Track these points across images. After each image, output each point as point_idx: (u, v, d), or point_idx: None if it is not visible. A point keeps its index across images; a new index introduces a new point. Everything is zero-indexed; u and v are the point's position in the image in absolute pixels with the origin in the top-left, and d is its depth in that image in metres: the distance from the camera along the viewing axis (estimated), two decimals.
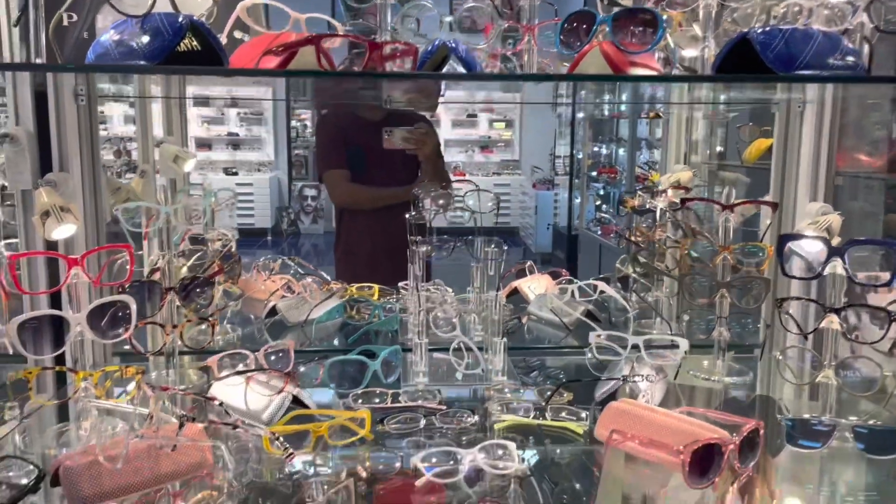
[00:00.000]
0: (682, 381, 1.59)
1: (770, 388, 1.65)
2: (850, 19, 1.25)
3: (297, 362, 1.53)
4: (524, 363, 1.74)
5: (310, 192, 9.58)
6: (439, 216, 1.81)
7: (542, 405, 1.43)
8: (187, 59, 1.13)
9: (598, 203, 7.23)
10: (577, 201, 7.52)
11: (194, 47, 1.12)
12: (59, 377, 1.46)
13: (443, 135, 9.48)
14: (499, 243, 1.74)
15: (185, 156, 2.01)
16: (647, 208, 2.06)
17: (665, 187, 2.06)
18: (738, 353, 1.73)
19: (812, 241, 1.41)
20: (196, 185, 2.03)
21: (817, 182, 1.70)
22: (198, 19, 1.13)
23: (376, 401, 1.47)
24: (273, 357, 1.51)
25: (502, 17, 1.42)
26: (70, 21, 1.33)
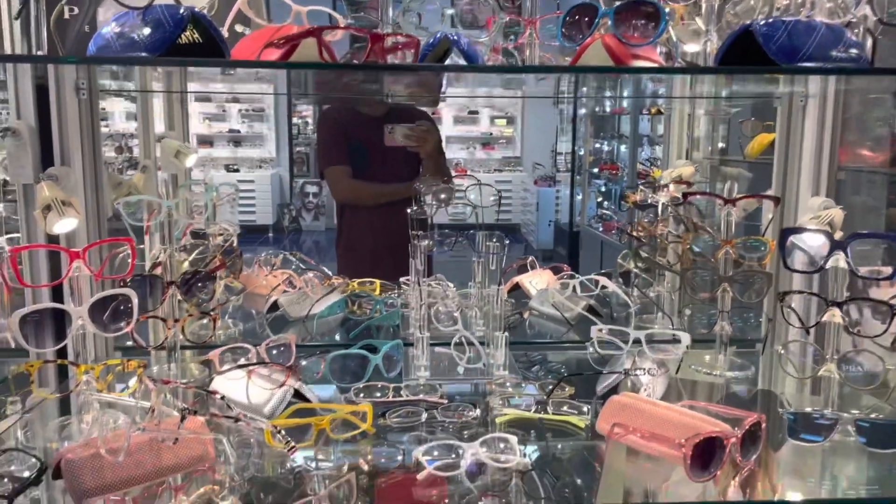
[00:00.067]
0: (683, 375, 1.59)
1: (772, 383, 1.65)
2: (854, 11, 1.25)
3: (299, 357, 1.53)
4: (526, 358, 1.73)
5: (311, 188, 9.57)
6: (441, 212, 1.81)
7: (544, 399, 1.43)
8: (189, 52, 1.13)
9: (600, 200, 7.22)
10: (579, 198, 7.51)
11: (195, 39, 1.12)
12: (60, 371, 1.46)
13: (444, 131, 9.46)
14: (500, 237, 1.73)
15: (187, 151, 2.01)
16: (648, 203, 2.06)
17: (667, 182, 2.05)
18: (740, 348, 1.73)
19: (814, 234, 1.41)
20: (198, 182, 2.03)
21: (819, 177, 1.70)
22: (199, 11, 1.13)
23: (378, 395, 1.47)
24: (274, 351, 1.51)
25: (503, 10, 1.42)
26: (71, 14, 1.32)
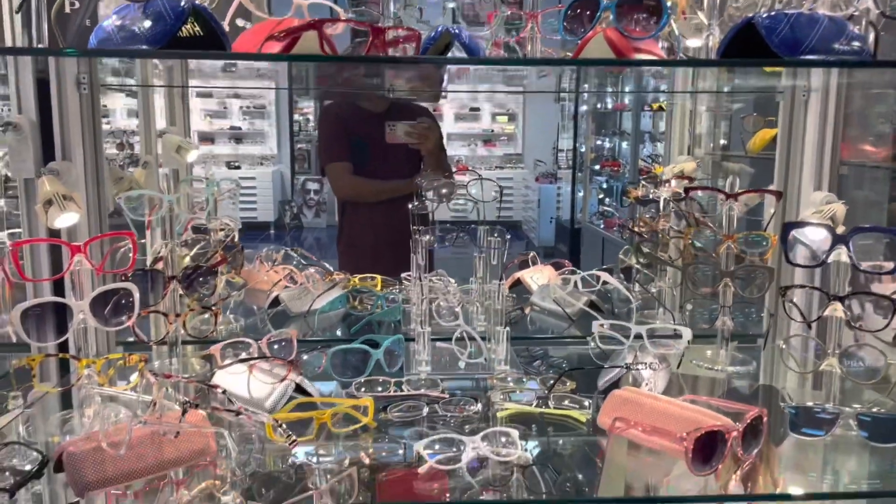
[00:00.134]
0: (684, 370, 1.59)
1: (773, 378, 1.65)
2: (856, 4, 1.24)
3: (300, 352, 1.53)
4: (527, 353, 1.73)
5: (312, 185, 9.56)
6: (442, 208, 1.81)
7: (545, 394, 1.43)
8: (190, 45, 1.13)
9: (601, 196, 7.21)
10: (580, 195, 7.51)
11: (196, 32, 1.11)
12: (62, 365, 1.46)
13: (445, 128, 9.42)
14: (501, 232, 1.73)
15: (188, 146, 2.01)
16: (650, 199, 2.05)
17: (668, 177, 2.05)
18: (742, 343, 1.73)
19: (816, 228, 1.41)
20: (199, 178, 2.03)
21: (822, 171, 1.69)
22: (200, 4, 1.13)
23: (379, 389, 1.47)
24: (276, 346, 1.51)
25: (505, 4, 1.42)
26: (72, 8, 1.32)
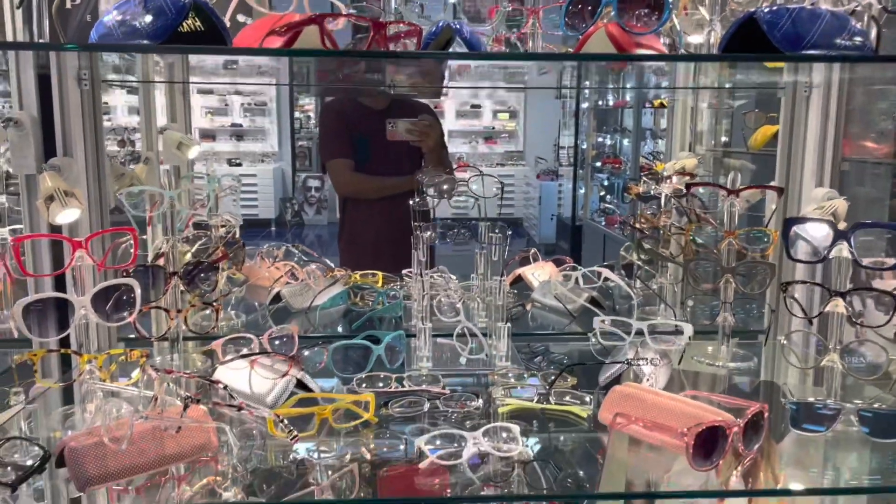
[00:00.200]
0: (686, 366, 1.59)
1: (774, 374, 1.65)
2: None
3: (301, 348, 1.54)
4: (528, 349, 1.73)
5: (313, 183, 9.57)
6: (443, 206, 1.80)
7: (546, 389, 1.43)
8: (190, 40, 1.13)
9: (603, 193, 7.21)
10: (582, 192, 7.50)
11: (197, 28, 1.11)
12: (63, 360, 1.46)
13: (446, 126, 9.40)
14: (502, 228, 1.73)
15: (189, 143, 2.01)
16: (651, 195, 2.05)
17: (670, 174, 2.05)
18: (743, 339, 1.73)
19: (818, 224, 1.41)
20: (200, 175, 2.03)
21: (823, 167, 1.69)
22: None
23: (380, 385, 1.47)
24: (277, 341, 1.51)
25: None
26: (73, 4, 1.32)
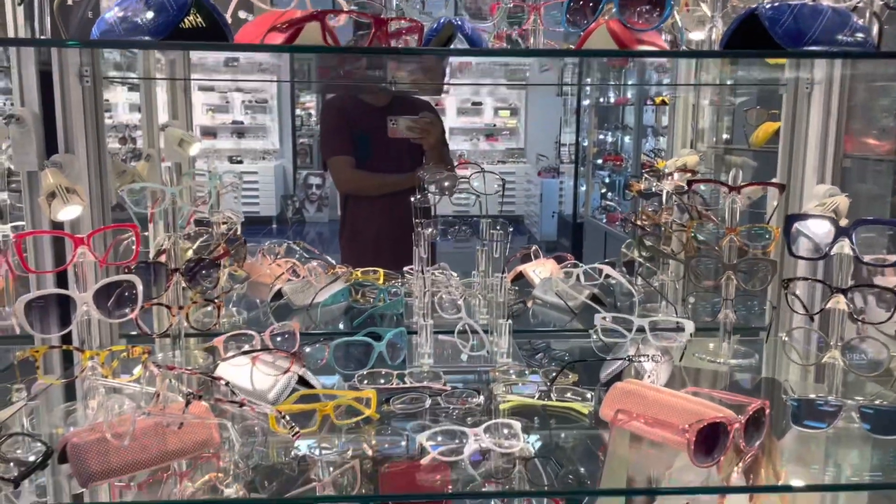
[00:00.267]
0: (687, 363, 1.59)
1: (776, 371, 1.65)
2: None
3: (303, 345, 1.54)
4: (529, 346, 1.73)
5: (314, 180, 9.57)
6: (444, 203, 1.80)
7: (548, 386, 1.43)
8: (192, 36, 1.13)
9: (604, 191, 7.21)
10: (583, 189, 7.50)
11: (199, 24, 1.11)
12: (65, 357, 1.46)
13: (447, 123, 9.43)
14: (504, 225, 1.73)
15: (191, 140, 2.01)
16: (653, 192, 2.05)
17: (671, 171, 2.05)
18: (744, 336, 1.73)
19: (819, 221, 1.40)
20: (202, 172, 2.03)
21: (825, 164, 1.69)
22: None
23: (382, 382, 1.47)
24: (279, 338, 1.51)
25: None
26: (75, 0, 1.32)
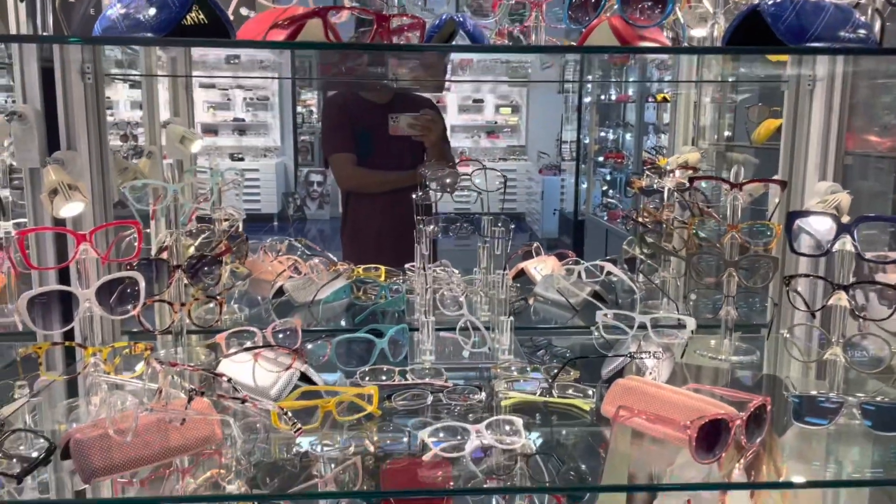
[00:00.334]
0: (688, 360, 1.59)
1: (777, 367, 1.65)
2: None
3: (305, 341, 1.54)
4: (531, 342, 1.74)
5: (316, 177, 9.57)
6: (445, 200, 1.80)
7: (549, 382, 1.43)
8: (194, 33, 1.13)
9: (605, 188, 7.21)
10: (584, 186, 7.50)
11: (201, 20, 1.11)
12: (68, 353, 1.46)
13: (449, 120, 9.42)
14: (505, 222, 1.73)
15: (192, 137, 2.01)
16: (654, 189, 2.05)
17: (673, 168, 2.05)
18: (745, 333, 1.73)
19: (821, 217, 1.40)
20: (203, 169, 2.03)
21: (826, 161, 1.69)
22: None
23: (383, 378, 1.47)
24: (281, 335, 1.51)
25: None
26: None
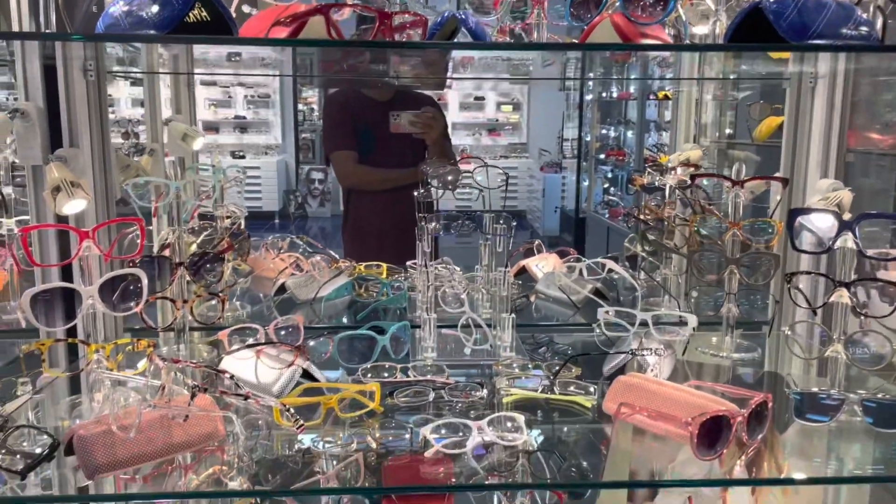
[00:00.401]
0: (690, 357, 1.59)
1: (778, 364, 1.65)
2: None
3: (307, 338, 1.54)
4: (532, 340, 1.74)
5: (317, 175, 9.57)
6: (447, 198, 1.80)
7: (551, 379, 1.43)
8: (197, 30, 1.13)
9: (606, 186, 7.20)
10: (585, 184, 7.50)
11: (203, 18, 1.12)
12: (71, 350, 1.47)
13: (450, 118, 9.42)
14: (507, 219, 1.73)
15: (194, 134, 2.01)
16: (656, 186, 2.05)
17: (674, 165, 2.05)
18: (747, 330, 1.73)
19: (822, 215, 1.40)
20: (205, 167, 2.03)
21: (828, 159, 1.69)
22: None
23: (385, 375, 1.47)
24: (283, 332, 1.52)
25: None
26: None
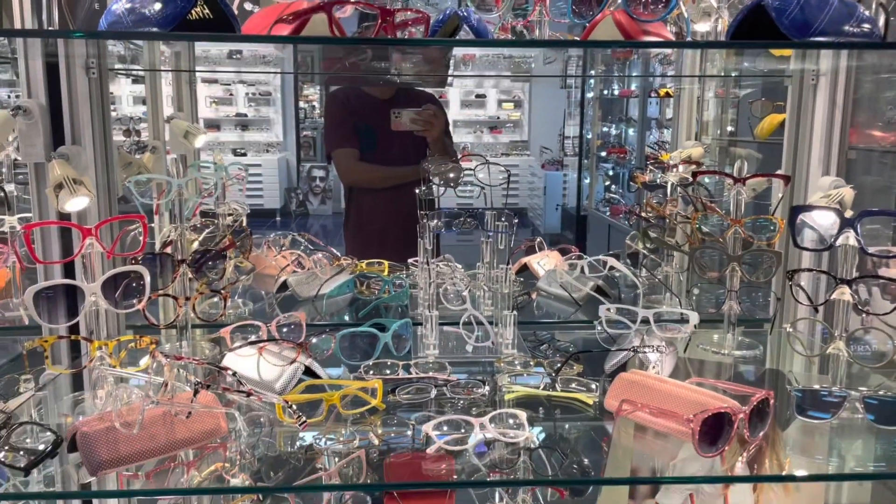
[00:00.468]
0: (691, 354, 1.59)
1: (780, 362, 1.65)
2: None
3: (309, 335, 1.54)
4: (534, 337, 1.74)
5: (318, 172, 9.57)
6: (448, 196, 1.81)
7: (552, 376, 1.44)
8: (199, 28, 1.13)
9: (608, 183, 7.20)
10: (587, 182, 7.49)
11: (206, 15, 1.12)
12: (73, 347, 1.47)
13: (451, 115, 9.40)
14: (508, 217, 1.73)
15: (196, 131, 2.02)
16: (657, 183, 2.05)
17: (676, 163, 2.05)
18: (748, 327, 1.73)
19: (824, 212, 1.40)
20: (207, 164, 2.03)
21: (830, 156, 1.69)
22: None
23: (387, 372, 1.48)
24: (285, 329, 1.52)
25: None
26: None
